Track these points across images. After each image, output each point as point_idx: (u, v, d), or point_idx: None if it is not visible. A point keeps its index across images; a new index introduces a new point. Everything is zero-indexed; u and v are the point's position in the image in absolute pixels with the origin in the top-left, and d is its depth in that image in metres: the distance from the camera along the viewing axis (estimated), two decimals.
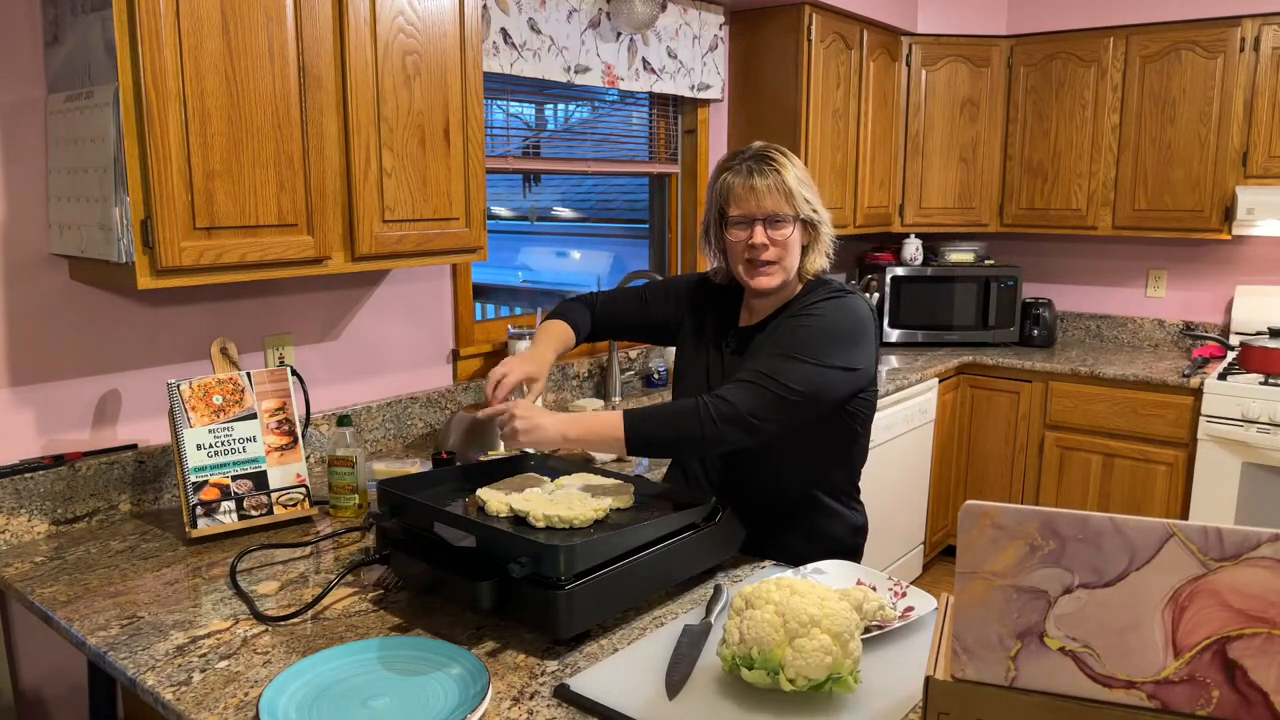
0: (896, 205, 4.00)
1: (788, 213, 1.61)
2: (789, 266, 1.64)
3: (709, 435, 1.48)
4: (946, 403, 3.78)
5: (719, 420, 1.47)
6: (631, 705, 1.14)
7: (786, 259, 1.63)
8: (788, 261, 1.63)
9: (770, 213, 1.61)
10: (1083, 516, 0.88)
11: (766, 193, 1.60)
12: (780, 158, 1.63)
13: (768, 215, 1.61)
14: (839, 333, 1.56)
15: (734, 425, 1.48)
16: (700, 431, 1.48)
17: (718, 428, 1.47)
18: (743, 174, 1.62)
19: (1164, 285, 4.03)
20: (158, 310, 1.96)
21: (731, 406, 1.48)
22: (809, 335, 1.55)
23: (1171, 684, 0.87)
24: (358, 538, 1.77)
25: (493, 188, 2.76)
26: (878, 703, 1.15)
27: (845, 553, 1.74)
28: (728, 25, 3.41)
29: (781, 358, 1.53)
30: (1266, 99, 3.40)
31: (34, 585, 1.54)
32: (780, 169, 1.61)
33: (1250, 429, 3.17)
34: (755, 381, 1.50)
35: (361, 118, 1.85)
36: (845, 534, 1.74)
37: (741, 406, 1.48)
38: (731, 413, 1.48)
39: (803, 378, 1.51)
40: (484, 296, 3.05)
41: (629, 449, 1.51)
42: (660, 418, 1.51)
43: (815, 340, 1.54)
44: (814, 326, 1.56)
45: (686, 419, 1.49)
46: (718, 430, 1.48)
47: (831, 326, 1.56)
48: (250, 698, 1.18)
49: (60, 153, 1.70)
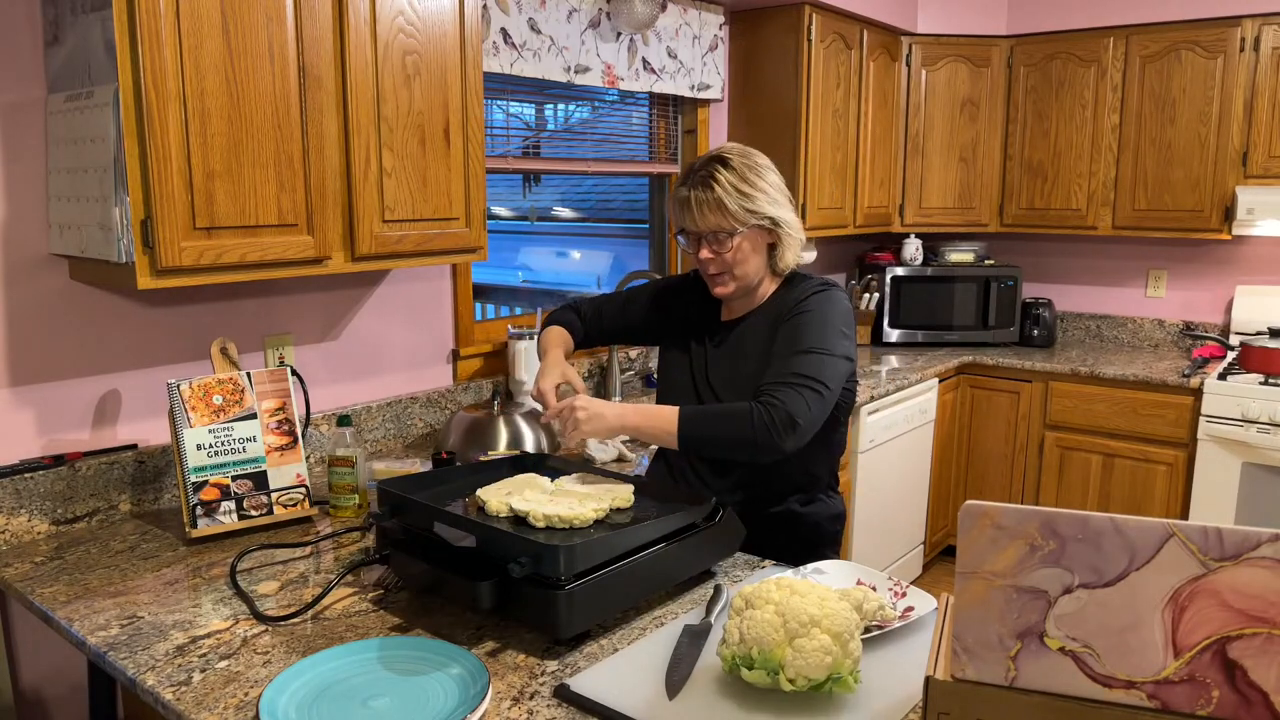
0: (896, 205, 4.00)
1: (725, 228, 1.64)
2: (741, 274, 1.68)
3: (762, 440, 1.52)
4: (946, 403, 3.78)
5: (772, 427, 1.51)
6: (631, 705, 1.14)
7: (736, 269, 1.68)
8: (738, 270, 1.68)
9: (710, 229, 1.65)
10: (1083, 516, 0.88)
11: (704, 210, 1.64)
12: (720, 173, 1.63)
13: (708, 231, 1.66)
14: (836, 324, 1.63)
15: (787, 430, 1.52)
16: (753, 436, 1.52)
17: (771, 435, 1.51)
18: (686, 189, 1.67)
19: (1164, 285, 4.03)
20: (158, 310, 1.96)
21: (782, 410, 1.52)
22: (816, 330, 1.61)
23: (1171, 684, 0.87)
24: (358, 538, 1.77)
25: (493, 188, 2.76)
26: (878, 703, 1.15)
27: (826, 540, 1.78)
28: (728, 25, 3.41)
29: (801, 356, 1.58)
30: (1266, 99, 3.40)
31: (34, 585, 1.54)
32: (716, 185, 1.63)
33: (1250, 429, 3.17)
34: (792, 383, 1.55)
35: (361, 118, 1.85)
36: (825, 521, 1.78)
37: (791, 409, 1.52)
38: (784, 418, 1.52)
39: (824, 371, 1.57)
40: (484, 296, 3.05)
41: (681, 444, 1.57)
42: (714, 417, 1.56)
43: (823, 334, 1.60)
44: (816, 321, 1.62)
45: (739, 421, 1.53)
46: (771, 437, 1.52)
47: (832, 319, 1.63)
48: (250, 698, 1.18)
49: (60, 153, 1.70)
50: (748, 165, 1.65)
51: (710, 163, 1.66)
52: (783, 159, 3.35)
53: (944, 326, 4.03)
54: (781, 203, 1.68)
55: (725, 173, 1.63)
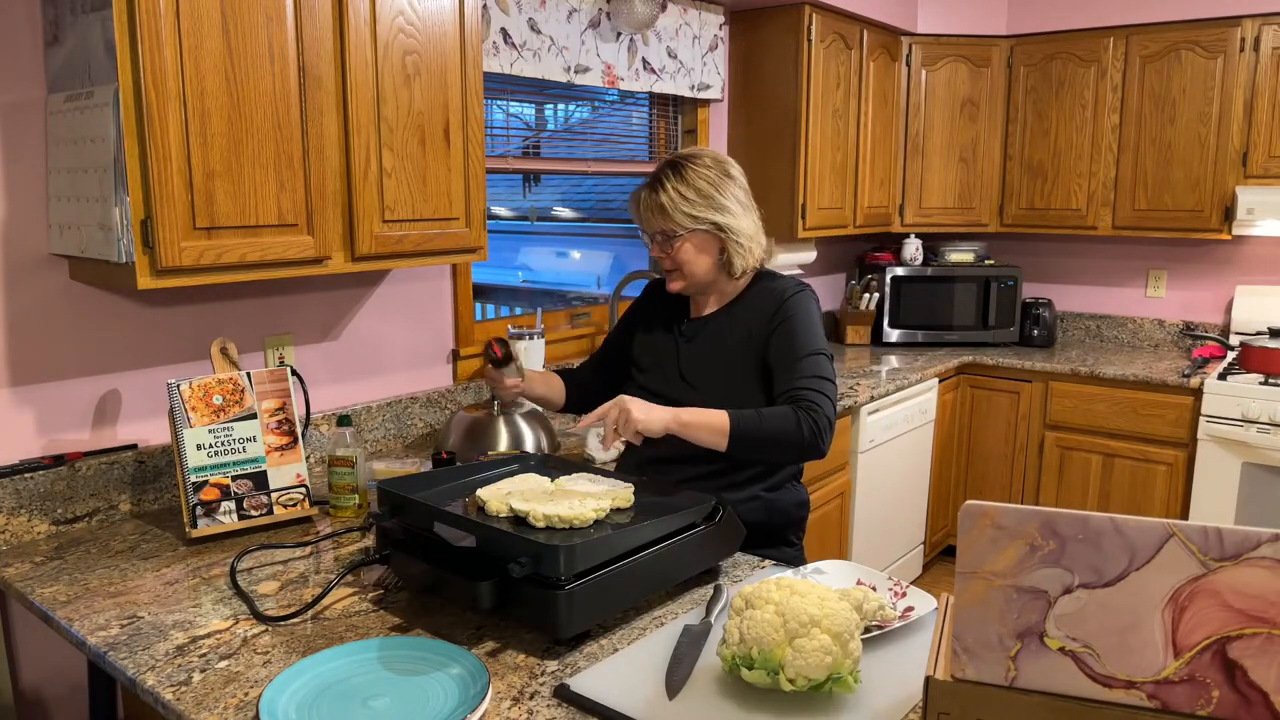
0: (896, 205, 4.00)
1: (668, 230, 1.75)
2: (690, 274, 1.78)
3: (809, 442, 1.61)
4: (946, 403, 3.78)
5: (819, 430, 1.61)
6: (631, 705, 1.14)
7: (685, 267, 1.77)
8: (687, 269, 1.77)
9: (657, 229, 1.77)
10: (1083, 516, 0.88)
11: (650, 211, 1.76)
12: (667, 178, 1.75)
13: (656, 231, 1.77)
14: (816, 324, 1.75)
15: (828, 432, 1.63)
16: (800, 439, 1.61)
17: (817, 437, 1.61)
18: (639, 191, 1.79)
19: (1164, 285, 4.03)
20: (158, 310, 1.96)
21: (822, 414, 1.62)
22: (805, 334, 1.72)
23: (1171, 684, 0.87)
24: (358, 538, 1.77)
25: (493, 188, 2.76)
26: (878, 703, 1.15)
27: (793, 524, 1.86)
28: (728, 25, 3.41)
29: (810, 359, 1.69)
30: (1266, 99, 3.40)
31: (34, 585, 1.54)
32: (661, 190, 1.74)
33: (1250, 429, 3.17)
34: (819, 389, 1.65)
35: (361, 118, 1.85)
36: (791, 507, 1.85)
37: (827, 412, 1.63)
38: (825, 422, 1.63)
39: (829, 369, 1.70)
40: (484, 296, 3.05)
41: (731, 444, 1.62)
42: (762, 419, 1.62)
43: (814, 334, 1.73)
44: (803, 324, 1.73)
45: (787, 425, 1.61)
46: (816, 440, 1.61)
47: (811, 320, 1.74)
48: (250, 698, 1.18)
49: (60, 153, 1.70)
50: (701, 174, 1.74)
51: (664, 167, 1.77)
52: (783, 159, 3.35)
53: (944, 326, 4.03)
54: (734, 211, 1.75)
55: (673, 178, 1.74)
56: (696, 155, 1.77)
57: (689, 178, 1.73)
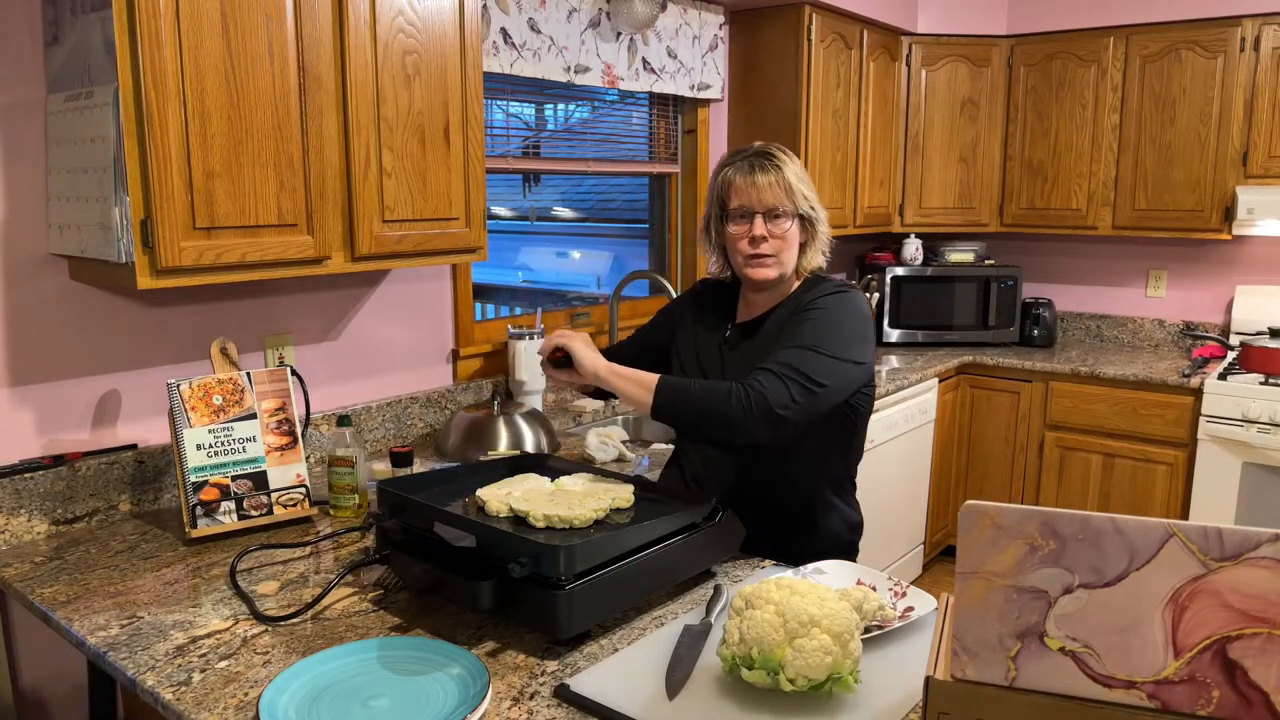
0: (896, 205, 4.00)
1: (787, 207, 1.66)
2: (786, 260, 1.68)
3: (736, 421, 1.50)
4: (946, 403, 3.78)
5: (749, 410, 1.49)
6: (631, 705, 1.14)
7: (784, 253, 1.67)
8: (785, 255, 1.68)
9: (770, 206, 1.65)
10: (1083, 516, 0.88)
11: (767, 187, 1.65)
12: (781, 155, 1.68)
13: (767, 209, 1.66)
14: (848, 327, 1.60)
15: (764, 419, 1.49)
16: (728, 415, 1.50)
17: (746, 417, 1.49)
18: (744, 169, 1.67)
19: (1164, 285, 4.03)
20: (157, 310, 1.96)
21: (762, 398, 1.49)
22: (823, 328, 1.59)
23: (1171, 684, 0.87)
24: (358, 538, 1.77)
25: (493, 188, 2.76)
26: (878, 703, 1.14)
27: (843, 549, 1.76)
28: (728, 25, 3.41)
29: (801, 350, 1.55)
30: (1266, 99, 3.40)
31: (34, 585, 1.54)
32: (781, 166, 1.66)
33: (1250, 429, 3.17)
34: (781, 373, 1.52)
35: (361, 118, 1.85)
36: (843, 530, 1.76)
37: (772, 398, 1.49)
38: (762, 405, 1.49)
39: (822, 369, 1.54)
40: (484, 296, 3.05)
41: (654, 410, 1.55)
42: (693, 391, 1.55)
43: (829, 334, 1.58)
44: (826, 320, 1.60)
45: (717, 399, 1.51)
46: (746, 421, 1.49)
47: (841, 321, 1.61)
48: (250, 698, 1.18)
49: (60, 153, 1.70)
50: (795, 158, 1.70)
51: (769, 148, 1.69)
52: None
53: (944, 326, 4.03)
54: (820, 205, 1.71)
55: (785, 157, 1.67)
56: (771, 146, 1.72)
57: (795, 161, 1.69)
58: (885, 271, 4.00)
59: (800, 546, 1.71)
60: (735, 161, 1.69)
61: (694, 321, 1.85)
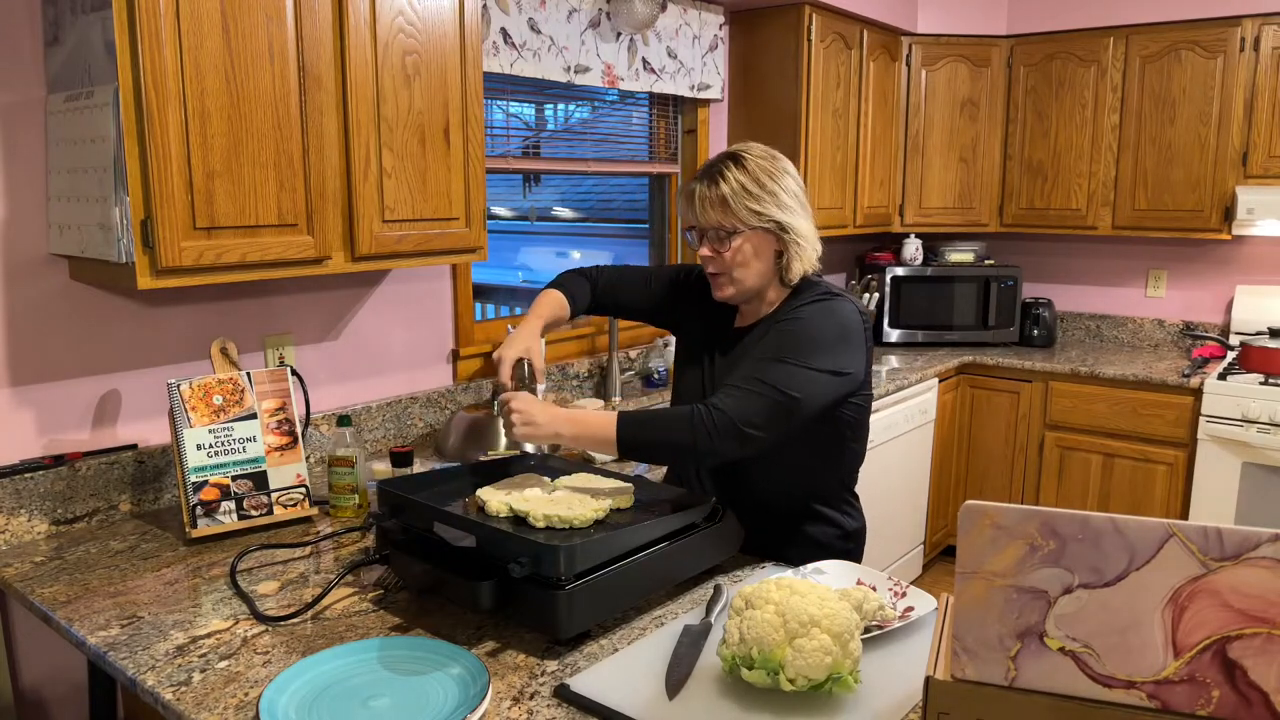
0: (896, 205, 4.00)
1: (726, 226, 1.59)
2: (740, 278, 1.63)
3: (702, 446, 1.46)
4: (946, 403, 3.78)
5: (713, 432, 1.45)
6: (631, 705, 1.14)
7: (735, 270, 1.62)
8: (738, 273, 1.62)
9: (712, 225, 1.61)
10: (1083, 516, 0.88)
11: (707, 205, 1.60)
12: (729, 169, 1.60)
13: (709, 228, 1.62)
14: (825, 336, 1.55)
15: (728, 436, 1.46)
16: (693, 441, 1.46)
17: (711, 440, 1.45)
18: (693, 184, 1.63)
19: (1164, 285, 4.03)
20: (158, 310, 1.96)
21: (725, 416, 1.46)
22: (795, 339, 1.54)
23: (1171, 684, 0.87)
24: (358, 538, 1.77)
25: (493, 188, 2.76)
26: (878, 703, 1.15)
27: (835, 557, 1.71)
28: (728, 25, 3.41)
29: (769, 363, 1.52)
30: (1266, 99, 3.40)
31: (34, 585, 1.54)
32: (723, 181, 1.59)
33: (1250, 429, 3.17)
34: (746, 388, 1.49)
35: (361, 118, 1.85)
36: (834, 540, 1.73)
37: (735, 415, 1.46)
38: (725, 423, 1.45)
39: (791, 381, 1.49)
40: (484, 296, 3.05)
41: (620, 452, 1.50)
42: (653, 423, 1.49)
43: (801, 343, 1.53)
44: (799, 330, 1.56)
45: (679, 427, 1.47)
46: (712, 442, 1.46)
47: (817, 329, 1.56)
48: (250, 698, 1.18)
49: (60, 153, 1.70)
50: (764, 167, 1.60)
51: (724, 159, 1.62)
52: None
53: (944, 326, 4.03)
54: (795, 210, 1.62)
55: (736, 170, 1.59)
56: (749, 147, 1.63)
57: (749, 168, 1.59)
58: (885, 271, 4.00)
59: (791, 554, 1.69)
60: (696, 175, 1.64)
61: (695, 324, 1.82)
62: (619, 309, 1.92)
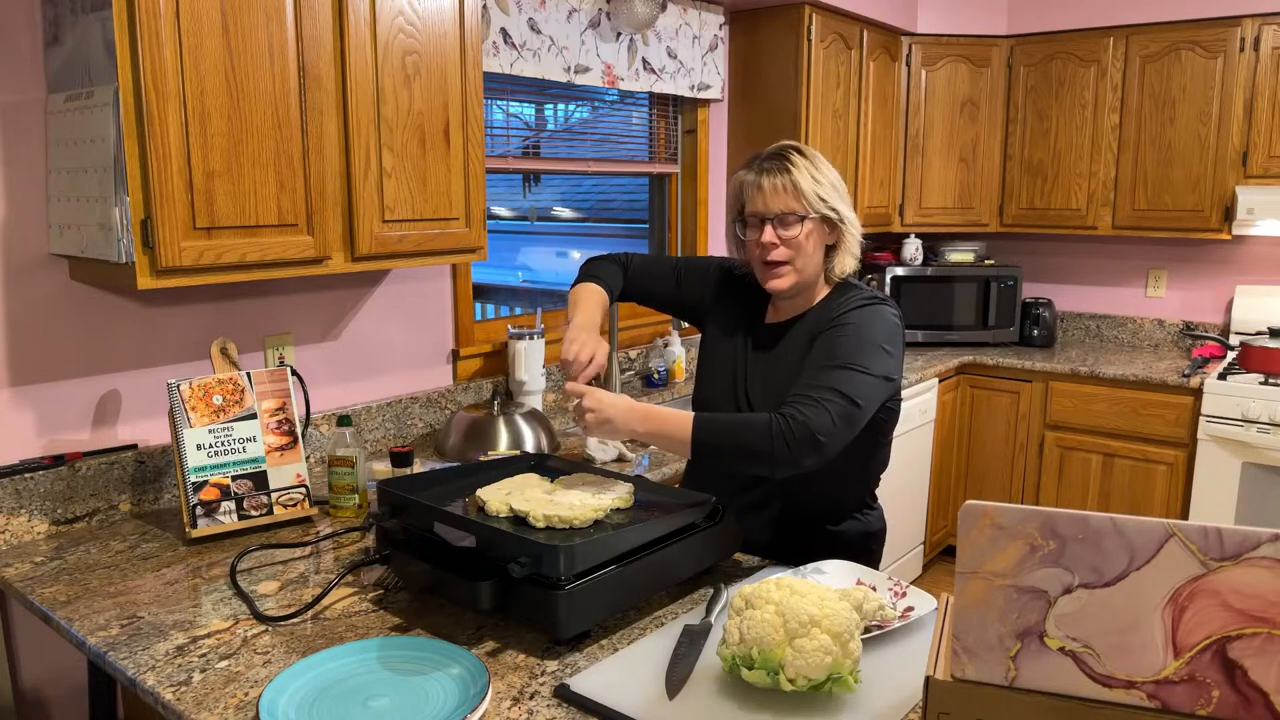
0: (896, 205, 4.00)
1: (798, 211, 1.59)
2: (801, 267, 1.62)
3: (780, 455, 1.44)
4: (946, 403, 3.78)
5: (792, 442, 1.43)
6: (631, 705, 1.14)
7: (798, 259, 1.61)
8: (800, 262, 1.61)
9: (779, 212, 1.60)
10: (1083, 516, 0.88)
11: (775, 191, 1.60)
12: (795, 157, 1.61)
13: (776, 214, 1.60)
14: (879, 341, 1.55)
15: (807, 446, 1.44)
16: (770, 449, 1.44)
17: (790, 450, 1.44)
18: (755, 172, 1.62)
19: (1164, 285, 4.03)
20: (158, 310, 1.96)
21: (804, 428, 1.44)
22: (857, 345, 1.53)
23: (1171, 684, 0.87)
24: (358, 538, 1.77)
25: (493, 188, 2.76)
26: (878, 703, 1.15)
27: (857, 557, 1.71)
28: (728, 25, 3.41)
29: (836, 370, 1.50)
30: (1266, 99, 3.40)
31: (34, 585, 1.54)
32: (792, 167, 1.60)
33: (1250, 429, 3.17)
34: (819, 397, 1.47)
35: (361, 118, 1.85)
36: (857, 539, 1.73)
37: (814, 426, 1.44)
38: (805, 435, 1.44)
39: (860, 389, 1.49)
40: (484, 296, 3.05)
41: (694, 453, 1.48)
42: (732, 428, 1.48)
43: (864, 349, 1.53)
44: (858, 336, 1.54)
45: (758, 434, 1.45)
46: (790, 452, 1.44)
47: (873, 335, 1.55)
48: (250, 698, 1.18)
49: (60, 153, 1.70)
50: (821, 160, 1.63)
51: (783, 149, 1.63)
52: None
53: (944, 326, 4.03)
54: (847, 201, 1.64)
55: (800, 157, 1.61)
56: (798, 144, 1.65)
57: (815, 160, 1.61)
58: (885, 271, 4.00)
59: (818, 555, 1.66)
60: (751, 164, 1.64)
61: (724, 315, 1.79)
62: (646, 297, 1.91)
